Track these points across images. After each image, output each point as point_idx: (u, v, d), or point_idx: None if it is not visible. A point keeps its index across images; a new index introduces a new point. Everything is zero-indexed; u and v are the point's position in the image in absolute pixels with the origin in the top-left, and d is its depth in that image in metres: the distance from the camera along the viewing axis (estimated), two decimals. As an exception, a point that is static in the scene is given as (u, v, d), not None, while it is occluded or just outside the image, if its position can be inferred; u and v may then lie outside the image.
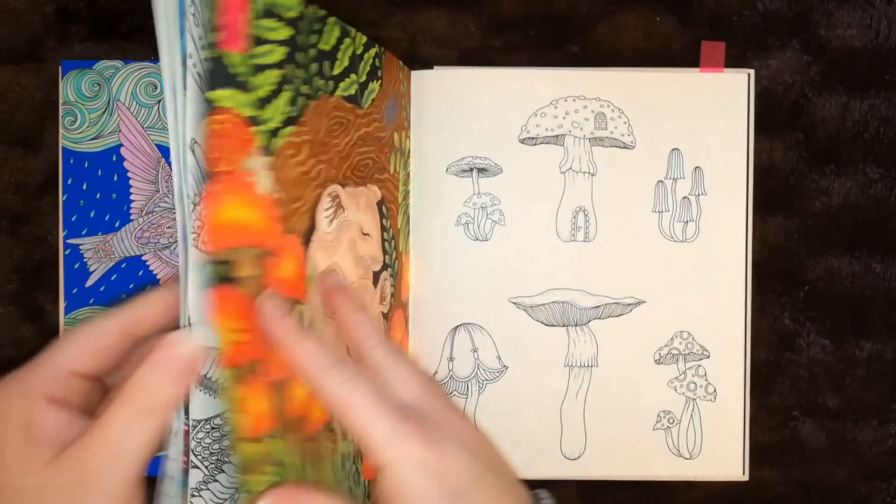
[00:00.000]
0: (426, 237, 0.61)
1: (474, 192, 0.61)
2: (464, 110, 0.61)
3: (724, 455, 0.62)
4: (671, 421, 0.62)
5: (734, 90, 0.62)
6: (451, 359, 0.61)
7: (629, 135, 0.61)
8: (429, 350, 0.61)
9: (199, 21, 0.38)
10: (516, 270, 0.61)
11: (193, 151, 0.39)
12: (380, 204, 0.53)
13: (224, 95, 0.37)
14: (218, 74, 0.37)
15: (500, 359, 0.61)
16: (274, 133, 0.40)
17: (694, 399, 0.62)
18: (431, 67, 0.61)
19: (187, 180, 0.39)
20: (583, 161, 0.61)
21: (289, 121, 0.42)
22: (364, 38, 0.49)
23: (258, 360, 0.38)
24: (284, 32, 0.41)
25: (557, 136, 0.61)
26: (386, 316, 0.55)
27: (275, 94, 0.40)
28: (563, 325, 0.61)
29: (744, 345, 0.62)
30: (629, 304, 0.62)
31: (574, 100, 0.61)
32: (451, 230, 0.61)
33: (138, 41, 0.58)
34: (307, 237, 0.44)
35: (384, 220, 0.54)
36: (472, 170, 0.61)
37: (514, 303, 0.61)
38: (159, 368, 0.35)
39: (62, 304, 0.57)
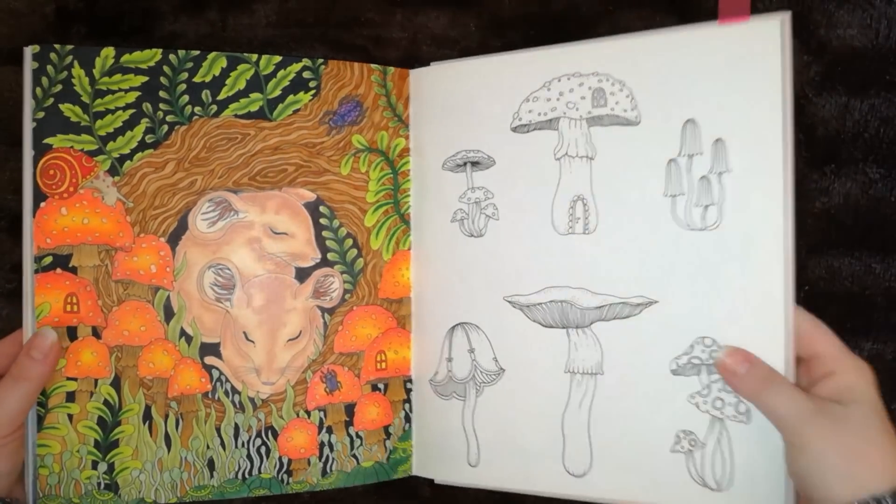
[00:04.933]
0: (426, 235, 0.53)
1: (468, 186, 0.51)
2: (458, 103, 0.52)
3: (763, 487, 0.45)
4: (693, 443, 0.47)
5: (764, 41, 0.45)
6: (449, 359, 0.52)
7: (632, 109, 0.48)
8: (430, 349, 0.52)
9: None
10: (511, 267, 0.51)
11: (36, 179, 0.49)
12: (313, 205, 0.52)
13: (61, 139, 0.49)
14: (56, 124, 0.48)
15: (496, 360, 0.51)
16: (126, 158, 0.50)
17: (721, 419, 0.46)
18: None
19: (30, 201, 0.49)
20: (579, 144, 0.50)
21: (145, 146, 0.50)
22: (277, 58, 0.51)
23: (101, 327, 0.49)
24: (137, 80, 0.49)
25: (551, 119, 0.50)
26: (331, 311, 0.52)
27: (124, 129, 0.49)
28: (563, 327, 0.50)
29: (784, 352, 0.45)
30: (638, 305, 0.48)
31: (568, 78, 0.50)
32: (448, 227, 0.52)
33: (138, 41, 0.52)
34: (175, 237, 0.50)
35: (324, 220, 0.52)
36: (465, 164, 0.52)
37: (509, 301, 0.51)
38: (27, 353, 0.47)
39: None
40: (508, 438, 0.51)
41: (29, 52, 0.49)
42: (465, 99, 0.52)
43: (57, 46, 0.49)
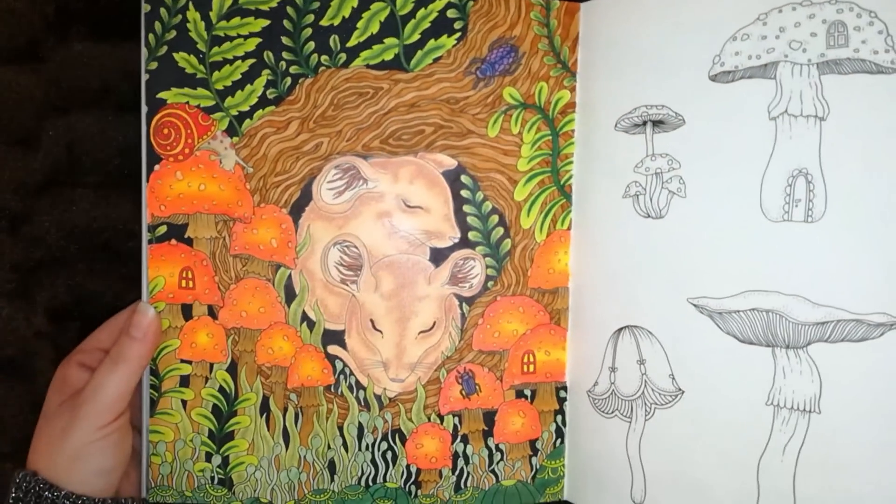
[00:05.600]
0: (591, 212, 0.42)
1: (647, 152, 0.40)
2: (640, 45, 0.40)
3: None
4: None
5: None
6: (613, 368, 0.41)
7: (888, 50, 0.35)
8: (590, 353, 0.43)
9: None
10: (700, 260, 0.39)
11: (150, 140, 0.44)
12: (453, 173, 0.45)
13: (175, 93, 0.44)
14: (170, 76, 0.44)
15: (673, 378, 0.40)
16: (245, 116, 0.44)
17: None
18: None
19: (145, 163, 0.44)
20: (805, 99, 0.36)
21: (266, 102, 0.44)
22: None
23: (217, 306, 0.45)
24: (258, 24, 0.44)
25: (766, 64, 0.37)
26: (470, 301, 0.45)
27: (243, 82, 0.44)
28: (768, 345, 0.37)
29: None
30: (879, 325, 0.35)
31: (794, 8, 0.37)
32: (618, 204, 0.41)
33: (139, 41, 0.48)
34: (298, 208, 0.45)
35: (466, 192, 0.45)
36: (645, 123, 0.40)
37: (695, 305, 0.39)
38: (126, 331, 0.44)
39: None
40: (685, 478, 0.40)
41: None
42: (650, 39, 0.40)
43: None
